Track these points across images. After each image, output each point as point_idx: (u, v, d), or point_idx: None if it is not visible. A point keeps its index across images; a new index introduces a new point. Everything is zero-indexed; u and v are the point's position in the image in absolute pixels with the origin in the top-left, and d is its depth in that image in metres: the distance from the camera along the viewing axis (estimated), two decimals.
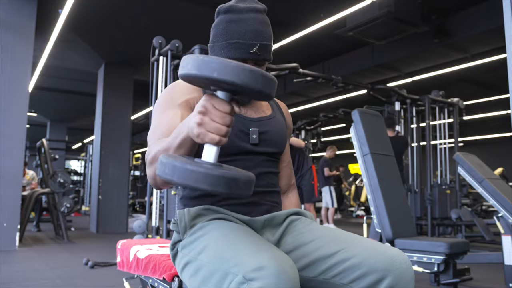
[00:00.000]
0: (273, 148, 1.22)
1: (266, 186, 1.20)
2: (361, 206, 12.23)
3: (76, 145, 15.76)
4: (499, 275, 3.31)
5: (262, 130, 1.20)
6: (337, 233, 1.10)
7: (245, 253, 0.90)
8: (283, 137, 1.27)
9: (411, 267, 1.00)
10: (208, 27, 1.23)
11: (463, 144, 13.52)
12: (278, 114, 1.31)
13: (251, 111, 1.23)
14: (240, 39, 1.12)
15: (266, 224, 1.15)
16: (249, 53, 1.12)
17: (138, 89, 7.81)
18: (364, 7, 5.34)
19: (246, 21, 1.13)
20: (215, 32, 1.17)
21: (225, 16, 1.15)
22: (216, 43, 1.16)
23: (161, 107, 1.15)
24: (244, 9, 1.14)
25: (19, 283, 3.15)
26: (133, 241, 1.62)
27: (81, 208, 11.34)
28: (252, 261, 0.86)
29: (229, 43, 1.13)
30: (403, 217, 2.84)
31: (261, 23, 1.15)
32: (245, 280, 0.85)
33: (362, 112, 3.01)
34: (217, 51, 1.16)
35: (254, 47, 1.12)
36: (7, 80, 4.96)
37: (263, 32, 1.14)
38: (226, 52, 1.13)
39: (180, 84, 1.20)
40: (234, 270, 0.88)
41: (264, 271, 0.84)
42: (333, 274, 1.01)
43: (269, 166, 1.22)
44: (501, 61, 6.92)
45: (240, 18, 1.13)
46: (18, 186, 4.99)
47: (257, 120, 1.22)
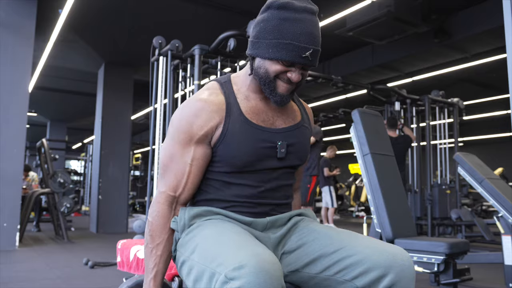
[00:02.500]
0: (298, 160, 1.20)
1: (281, 198, 1.18)
2: (361, 206, 12.24)
3: (76, 145, 15.78)
4: (499, 275, 3.31)
5: (289, 142, 1.16)
6: (339, 231, 1.11)
7: (227, 252, 0.91)
8: (307, 148, 1.24)
9: (412, 265, 1.01)
10: (209, 27, 1.23)
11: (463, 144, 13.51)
12: (306, 120, 1.26)
13: (280, 120, 1.17)
14: (294, 40, 1.04)
15: (269, 226, 1.15)
16: (301, 57, 1.04)
17: (138, 89, 7.81)
18: (364, 7, 5.33)
19: (302, 22, 1.05)
20: (264, 28, 1.07)
21: (279, 13, 1.06)
22: (263, 39, 1.07)
23: (177, 137, 1.11)
24: (300, 8, 1.06)
25: (19, 283, 3.15)
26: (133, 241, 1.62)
27: (81, 208, 11.33)
28: (233, 260, 0.87)
29: (281, 42, 1.04)
30: (403, 217, 2.84)
31: (315, 26, 1.07)
32: (227, 279, 0.85)
33: (362, 112, 3.01)
34: (263, 49, 1.07)
35: (307, 51, 1.04)
36: (7, 80, 4.96)
37: (317, 36, 1.07)
38: (275, 52, 1.05)
39: (203, 109, 1.10)
40: (219, 270, 0.88)
41: (244, 269, 0.84)
42: (335, 270, 1.02)
43: (288, 178, 1.20)
44: (501, 61, 6.91)
45: (296, 18, 1.05)
46: (18, 186, 5.00)
47: (285, 130, 1.17)
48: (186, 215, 1.11)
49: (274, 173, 1.15)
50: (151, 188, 4.45)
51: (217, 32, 4.09)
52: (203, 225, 1.08)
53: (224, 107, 1.12)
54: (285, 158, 1.15)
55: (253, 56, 1.11)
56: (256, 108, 1.15)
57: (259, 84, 1.12)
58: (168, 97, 4.32)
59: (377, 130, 3.04)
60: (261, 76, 1.10)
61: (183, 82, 4.40)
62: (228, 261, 0.87)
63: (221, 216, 1.12)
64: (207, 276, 0.91)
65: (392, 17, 5.30)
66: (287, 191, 1.21)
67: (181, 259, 1.06)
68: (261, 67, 1.09)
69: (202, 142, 1.10)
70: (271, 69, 1.08)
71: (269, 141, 1.13)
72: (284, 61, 1.06)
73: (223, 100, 1.13)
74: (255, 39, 1.10)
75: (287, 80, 1.09)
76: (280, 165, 1.15)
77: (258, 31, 1.09)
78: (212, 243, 0.98)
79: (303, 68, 1.09)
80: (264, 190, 1.14)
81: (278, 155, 1.13)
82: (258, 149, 1.11)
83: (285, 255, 1.13)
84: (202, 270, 0.94)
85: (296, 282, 1.11)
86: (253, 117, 1.13)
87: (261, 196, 1.14)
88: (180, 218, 1.11)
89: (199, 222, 1.10)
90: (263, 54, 1.07)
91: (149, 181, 4.51)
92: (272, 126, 1.15)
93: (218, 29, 4.28)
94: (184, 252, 1.05)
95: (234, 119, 1.11)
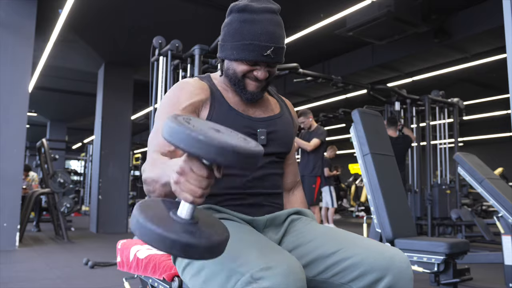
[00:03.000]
0: (281, 148, 1.22)
1: (270, 187, 1.19)
2: (360, 206, 12.23)
3: (76, 145, 15.76)
4: (499, 275, 3.31)
5: (270, 130, 1.19)
6: (336, 232, 1.11)
7: (252, 253, 0.90)
8: (290, 136, 1.27)
9: (410, 267, 1.00)
10: (209, 27, 1.24)
11: (463, 144, 13.51)
12: (286, 112, 1.30)
13: (259, 111, 1.22)
14: (255, 40, 1.09)
15: (268, 224, 1.15)
16: (263, 55, 1.10)
17: (138, 89, 7.81)
18: (364, 7, 5.33)
19: (261, 22, 1.10)
20: (227, 31, 1.14)
21: (239, 15, 1.12)
22: (227, 42, 1.14)
23: (165, 109, 1.13)
24: (259, 9, 1.11)
25: (19, 283, 3.15)
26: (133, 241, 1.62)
27: (81, 208, 11.33)
28: (260, 261, 0.87)
29: (242, 44, 1.10)
30: (403, 217, 2.83)
31: (276, 24, 1.12)
32: (252, 279, 0.85)
33: (362, 112, 3.01)
34: (228, 51, 1.13)
35: (269, 49, 1.10)
36: (7, 80, 4.96)
37: (278, 34, 1.12)
38: (239, 53, 1.11)
39: (187, 84, 1.17)
40: (241, 270, 0.87)
41: (272, 270, 0.84)
42: (332, 273, 1.01)
43: (275, 167, 1.21)
44: (501, 61, 6.91)
45: (255, 18, 1.10)
46: (18, 186, 4.99)
47: (265, 119, 1.21)
48: None
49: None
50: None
51: (217, 32, 4.02)
52: None
53: (209, 91, 1.18)
54: (267, 145, 1.18)
55: (222, 58, 1.18)
56: (235, 99, 1.20)
57: (230, 83, 1.18)
58: None
59: (377, 130, 3.04)
60: (230, 77, 1.16)
61: None
62: (253, 261, 0.87)
63: (223, 215, 1.12)
64: (223, 276, 0.90)
65: (392, 17, 5.30)
66: (276, 180, 1.22)
67: (186, 260, 1.05)
68: (229, 68, 1.16)
69: (189, 112, 1.13)
70: (238, 69, 1.14)
71: (250, 128, 1.17)
72: (248, 61, 1.11)
73: (207, 86, 1.19)
74: (222, 43, 1.17)
75: (254, 78, 1.15)
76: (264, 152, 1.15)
77: (223, 35, 1.16)
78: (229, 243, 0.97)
79: (269, 66, 1.14)
80: (251, 179, 1.15)
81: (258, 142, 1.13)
82: None
83: None
84: (217, 270, 0.93)
85: None
86: (235, 105, 1.18)
87: (249, 186, 1.14)
88: None
89: None
90: (229, 56, 1.14)
91: None
92: (252, 115, 1.20)
93: (218, 29, 4.23)
94: None
95: (220, 104, 1.16)
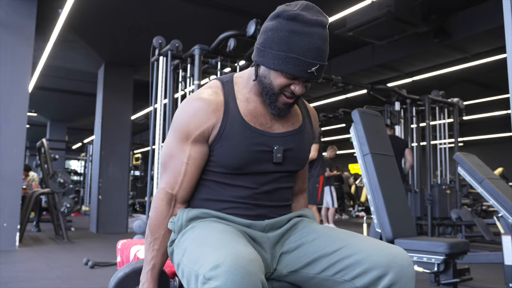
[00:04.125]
0: (295, 166, 1.19)
1: (278, 200, 1.18)
2: (360, 206, 12.23)
3: (76, 145, 15.77)
4: (499, 275, 3.31)
5: (287, 147, 1.15)
6: (338, 232, 1.11)
7: (207, 252, 0.91)
8: (307, 152, 1.23)
9: (412, 265, 1.01)
10: (208, 27, 1.23)
11: (463, 144, 13.51)
12: (308, 123, 1.25)
13: (278, 124, 1.16)
14: (301, 55, 1.02)
15: (267, 229, 1.15)
16: (307, 72, 1.03)
17: (138, 89, 7.81)
18: (364, 7, 5.34)
19: (311, 36, 1.02)
20: (272, 38, 1.05)
21: (288, 24, 1.03)
22: (269, 49, 1.05)
23: (176, 136, 1.13)
24: (311, 21, 1.03)
25: (19, 283, 3.15)
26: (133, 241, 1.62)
27: (81, 208, 11.33)
28: (210, 260, 0.87)
29: (287, 56, 1.03)
30: (403, 217, 2.83)
31: (324, 40, 1.05)
32: (205, 279, 0.85)
33: (362, 112, 3.01)
34: (270, 59, 1.06)
35: (314, 67, 1.03)
36: (7, 80, 4.96)
37: (324, 51, 1.05)
38: (281, 65, 1.04)
39: (202, 105, 1.11)
40: (199, 271, 0.89)
41: (220, 268, 0.84)
42: (335, 271, 1.02)
43: (286, 181, 1.20)
44: (501, 61, 6.91)
45: (305, 31, 1.02)
46: (18, 186, 4.99)
47: (283, 135, 1.16)
48: (184, 216, 1.11)
49: (270, 176, 1.14)
50: (151, 188, 4.45)
51: (217, 32, 4.08)
52: (196, 227, 1.08)
53: (223, 107, 1.12)
54: (282, 163, 1.15)
55: (259, 63, 1.10)
56: (255, 111, 1.15)
57: (261, 91, 1.12)
58: (168, 97, 4.32)
59: (377, 130, 3.04)
60: (265, 86, 1.10)
61: (183, 82, 4.40)
62: (207, 261, 0.88)
63: (216, 219, 1.12)
64: (193, 278, 0.92)
65: (392, 17, 5.29)
66: (285, 193, 1.20)
67: (176, 261, 1.07)
68: (266, 77, 1.09)
69: (198, 141, 1.11)
70: (276, 82, 1.07)
71: (266, 145, 1.12)
72: (289, 74, 1.05)
73: (222, 100, 1.13)
74: (261, 47, 1.08)
75: (290, 93, 1.09)
76: (276, 170, 1.15)
77: (265, 39, 1.07)
78: (197, 244, 0.98)
79: (307, 81, 1.09)
80: (260, 192, 1.14)
81: (274, 160, 1.13)
82: (253, 152, 1.11)
83: (284, 255, 1.13)
84: (189, 272, 0.95)
85: (296, 282, 1.11)
86: (251, 119, 1.13)
87: (257, 198, 1.14)
88: (178, 219, 1.12)
89: (194, 224, 1.10)
90: (269, 64, 1.06)
91: (149, 181, 4.51)
92: (269, 130, 1.15)
93: (218, 29, 4.28)
94: (178, 253, 1.06)
95: (232, 120, 1.11)
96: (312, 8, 1.06)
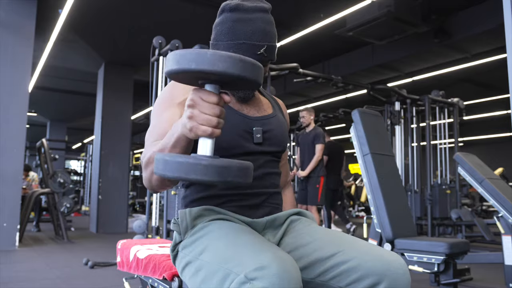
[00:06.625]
0: (277, 147, 1.22)
1: (270, 186, 1.19)
2: (360, 206, 12.23)
3: (76, 145, 15.77)
4: (499, 275, 3.31)
5: (265, 129, 1.19)
6: (335, 235, 1.11)
7: (247, 253, 0.90)
8: (285, 136, 1.27)
9: (407, 273, 1.00)
10: (208, 27, 1.22)
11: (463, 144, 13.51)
12: (279, 112, 1.31)
13: (253, 110, 1.22)
14: (247, 39, 1.10)
15: (267, 226, 1.16)
16: (256, 54, 1.11)
17: (138, 89, 7.81)
18: (364, 7, 5.34)
19: (253, 21, 1.11)
20: (220, 31, 1.14)
21: (231, 15, 1.12)
22: (220, 41, 1.14)
23: (161, 106, 1.14)
24: (251, 8, 1.12)
25: (19, 283, 3.15)
26: (133, 241, 1.62)
27: (81, 208, 11.33)
28: (254, 261, 0.86)
29: (235, 43, 1.11)
30: (403, 217, 2.84)
31: (268, 23, 1.13)
32: (247, 279, 0.84)
33: (362, 112, 3.01)
34: (221, 50, 1.12)
35: (261, 48, 1.11)
36: (7, 80, 4.96)
37: (270, 32, 1.13)
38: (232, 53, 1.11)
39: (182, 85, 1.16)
40: (236, 270, 0.87)
41: (266, 270, 0.83)
42: (330, 276, 1.01)
43: (272, 166, 1.22)
44: (501, 61, 6.92)
45: (247, 18, 1.11)
46: (18, 186, 4.99)
47: (260, 118, 1.21)
48: (188, 216, 1.11)
49: (257, 161, 1.16)
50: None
51: None
52: (210, 226, 1.07)
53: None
54: (263, 143, 1.18)
55: None
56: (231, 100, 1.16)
57: None
58: None
59: (377, 130, 3.04)
60: None
61: None
62: (248, 261, 0.87)
63: (222, 216, 1.11)
64: (220, 276, 0.90)
65: (392, 17, 5.30)
66: (275, 179, 1.22)
67: (186, 260, 1.05)
68: None
69: (183, 105, 1.11)
70: None
71: (246, 126, 1.17)
72: None
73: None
74: (214, 42, 1.16)
75: None
76: (259, 150, 1.17)
77: (215, 34, 1.15)
78: (225, 243, 0.97)
79: (262, 64, 1.11)
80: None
81: (254, 140, 1.16)
82: (237, 133, 1.14)
83: None
84: (214, 270, 0.93)
85: None
86: (230, 104, 1.17)
87: (251, 186, 1.14)
88: (182, 219, 1.11)
89: (203, 223, 1.09)
90: None
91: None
92: (247, 114, 1.19)
93: None
94: (189, 253, 1.05)
95: None
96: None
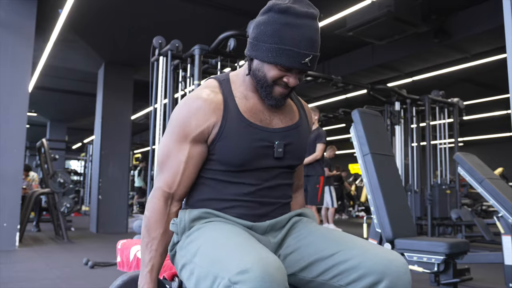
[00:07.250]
0: (295, 160, 1.20)
1: (280, 197, 1.18)
2: (360, 206, 12.23)
3: (76, 145, 15.77)
4: (499, 275, 3.31)
5: (287, 142, 1.16)
6: (336, 234, 1.11)
7: (232, 256, 0.90)
8: (305, 147, 1.25)
9: (408, 271, 1.00)
10: (208, 27, 1.22)
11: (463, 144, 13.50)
12: (304, 120, 1.26)
13: (277, 120, 1.18)
14: (294, 47, 1.04)
15: (268, 230, 1.15)
16: (301, 63, 1.05)
17: (138, 89, 7.80)
18: (364, 7, 5.33)
19: (303, 27, 1.05)
20: (263, 31, 1.07)
21: (280, 17, 1.05)
22: (262, 43, 1.07)
23: (174, 135, 1.13)
24: (302, 13, 1.05)
25: (19, 283, 3.15)
26: (133, 241, 1.62)
27: (81, 208, 11.33)
28: (237, 264, 0.86)
29: (280, 48, 1.04)
30: (403, 217, 2.84)
31: (316, 31, 1.07)
32: (230, 283, 0.85)
33: (362, 112, 3.01)
34: (263, 52, 1.07)
35: (307, 57, 1.05)
36: (7, 80, 4.96)
37: (317, 41, 1.07)
38: (275, 57, 1.05)
39: (201, 105, 1.11)
40: (222, 274, 0.88)
41: (248, 274, 0.84)
42: (331, 275, 1.01)
43: (286, 177, 1.20)
44: (501, 61, 6.91)
45: (297, 23, 1.04)
46: (18, 186, 4.99)
47: (283, 130, 1.17)
48: (187, 217, 1.11)
49: (272, 172, 1.15)
50: (151, 188, 4.45)
51: (217, 32, 4.08)
52: (205, 228, 1.07)
53: (222, 106, 1.12)
54: (283, 157, 1.15)
55: (252, 57, 1.11)
56: (254, 107, 1.15)
57: (256, 85, 1.13)
58: (168, 97, 4.32)
59: (377, 130, 3.04)
60: (259, 79, 1.11)
61: (183, 82, 4.40)
62: (232, 265, 0.87)
63: (221, 219, 1.11)
64: (209, 279, 0.91)
65: (392, 17, 5.29)
66: (286, 190, 1.21)
67: (182, 262, 1.06)
68: (259, 70, 1.10)
69: (198, 141, 1.11)
70: (270, 74, 1.09)
71: (267, 141, 1.13)
72: (283, 66, 1.06)
73: (221, 99, 1.13)
74: (254, 41, 1.10)
75: (285, 85, 1.11)
76: (278, 165, 1.15)
77: (258, 33, 1.09)
78: (215, 246, 0.98)
79: (300, 72, 1.10)
80: (262, 188, 1.14)
81: (275, 155, 1.14)
82: (255, 148, 1.11)
83: (281, 257, 1.13)
84: (205, 273, 0.94)
85: (293, 284, 1.11)
86: (250, 116, 1.14)
87: (261, 195, 1.13)
88: (180, 220, 1.11)
89: (200, 225, 1.09)
90: (262, 57, 1.08)
91: (149, 181, 4.51)
92: (269, 126, 1.15)
93: (218, 29, 4.28)
94: (184, 255, 1.05)
95: (232, 118, 1.12)
96: (302, 1, 1.08)
